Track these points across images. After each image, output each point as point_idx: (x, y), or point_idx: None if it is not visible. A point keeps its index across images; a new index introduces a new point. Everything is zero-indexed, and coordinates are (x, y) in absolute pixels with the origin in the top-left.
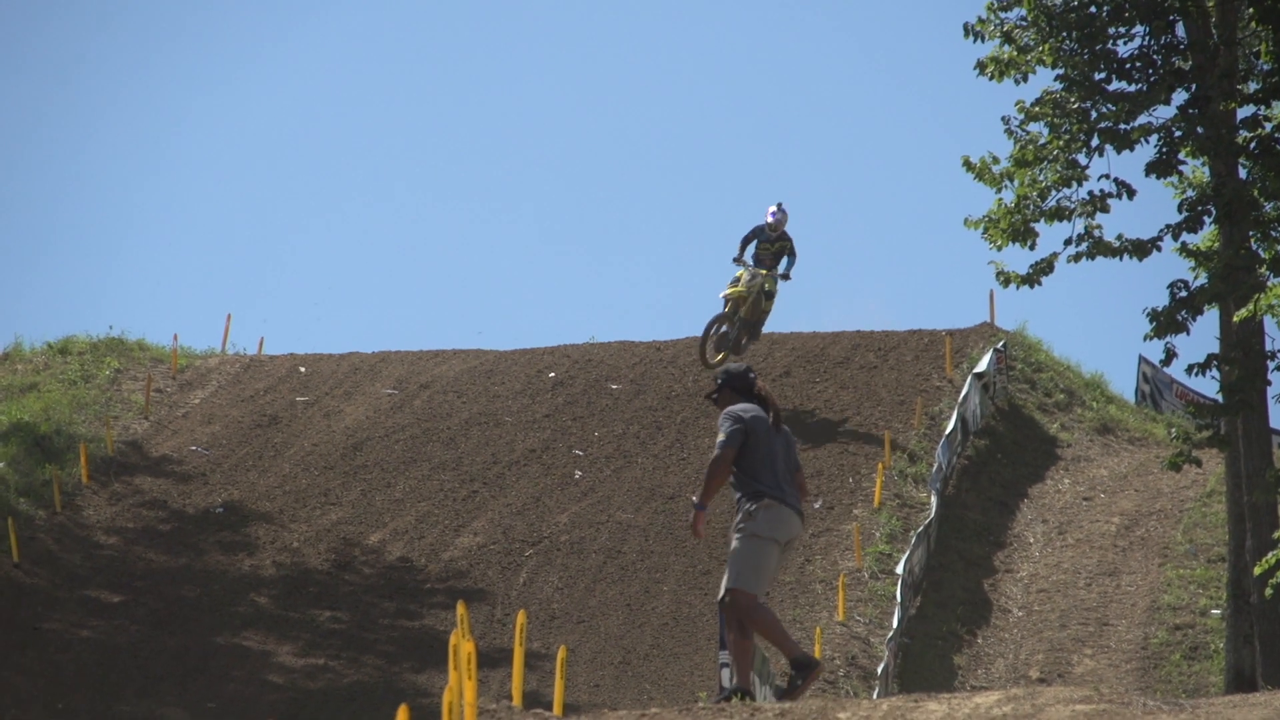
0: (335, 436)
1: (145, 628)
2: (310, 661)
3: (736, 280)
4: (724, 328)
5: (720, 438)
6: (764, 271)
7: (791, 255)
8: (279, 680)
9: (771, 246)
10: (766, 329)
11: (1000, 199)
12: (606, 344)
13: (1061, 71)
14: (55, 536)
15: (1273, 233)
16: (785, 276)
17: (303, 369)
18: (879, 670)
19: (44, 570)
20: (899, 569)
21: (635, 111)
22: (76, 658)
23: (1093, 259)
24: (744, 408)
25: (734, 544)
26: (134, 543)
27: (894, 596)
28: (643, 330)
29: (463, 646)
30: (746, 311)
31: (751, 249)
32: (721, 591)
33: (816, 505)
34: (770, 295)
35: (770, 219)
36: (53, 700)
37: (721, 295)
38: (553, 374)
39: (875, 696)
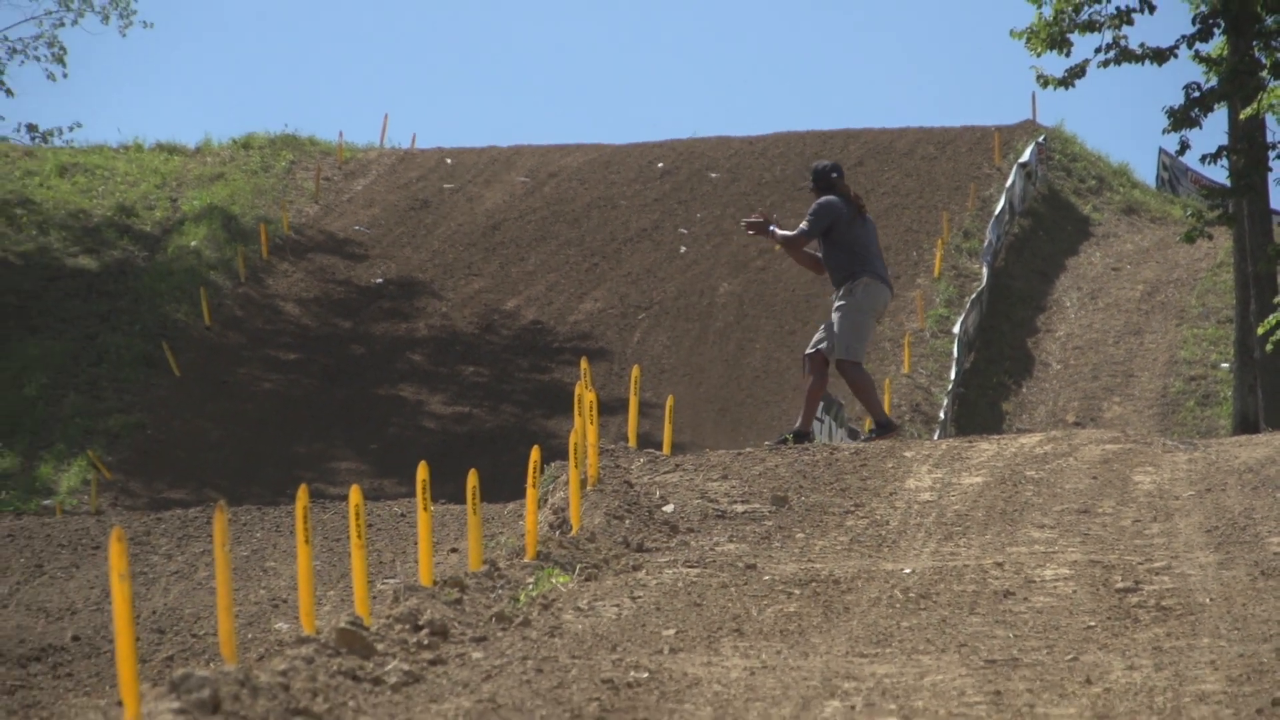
0: (477, 218)
1: (318, 381)
2: (457, 409)
3: None
4: None
5: (803, 225)
6: None
7: None
8: (431, 425)
9: None
10: (840, 125)
11: (1040, 13)
12: (706, 138)
13: None
14: (240, 304)
15: (1273, 42)
16: None
17: (449, 160)
18: (939, 415)
19: (231, 332)
20: (955, 329)
21: None
22: (259, 407)
23: (1119, 65)
24: (829, 200)
25: (838, 317)
26: (308, 308)
27: (951, 353)
28: (739, 126)
29: (586, 396)
30: None
31: None
32: (833, 361)
33: None
34: None
35: None
36: (240, 443)
37: None
38: (661, 164)
39: (936, 437)
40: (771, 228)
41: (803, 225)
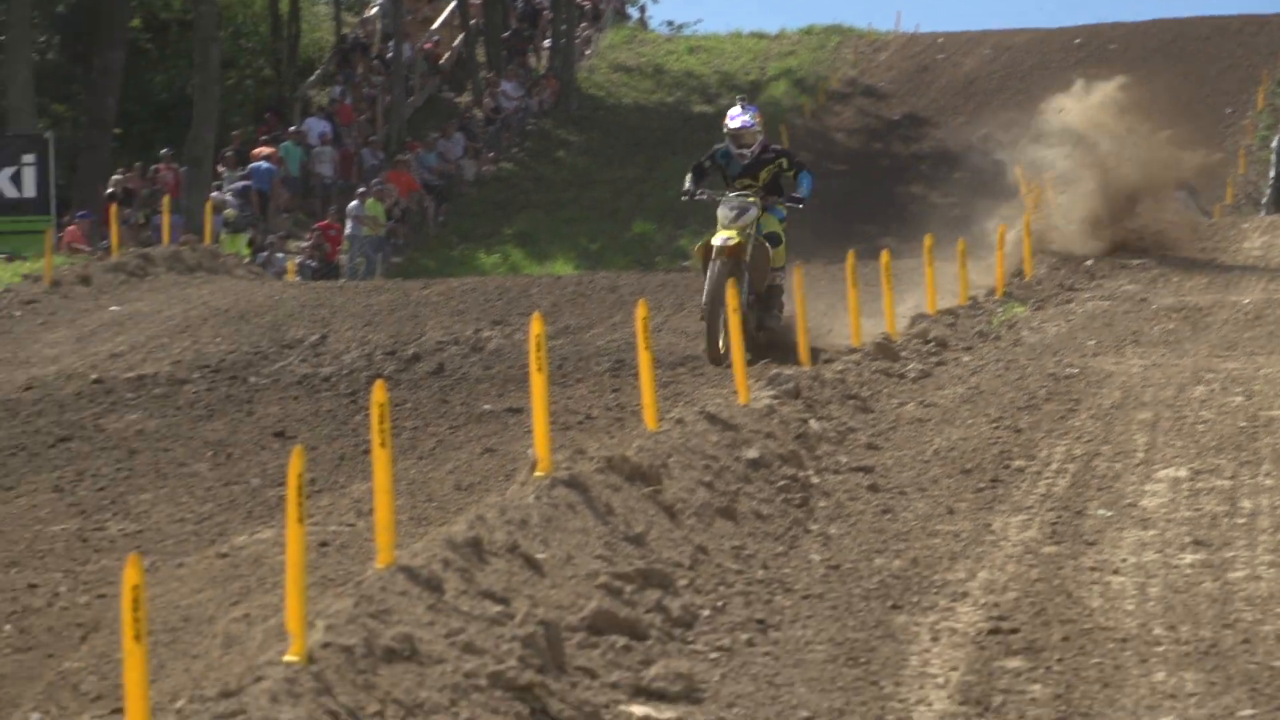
0: (958, 77)
1: (859, 183)
2: (948, 200)
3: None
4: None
5: None
6: (752, 201)
7: (800, 169)
8: (931, 211)
9: (756, 178)
10: (1196, 13)
11: None
12: (1108, 23)
13: None
14: (806, 133)
15: None
16: (798, 202)
17: (940, 40)
18: (1261, 200)
19: (802, 151)
20: (1274, 143)
21: None
22: (824, 200)
23: None
24: None
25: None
26: (851, 135)
27: (1270, 160)
28: (1130, 14)
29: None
30: (751, 269)
31: (717, 183)
32: None
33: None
34: (777, 240)
35: (735, 123)
36: (817, 221)
37: (703, 249)
38: (1078, 40)
39: (1261, 215)
40: None
41: None
